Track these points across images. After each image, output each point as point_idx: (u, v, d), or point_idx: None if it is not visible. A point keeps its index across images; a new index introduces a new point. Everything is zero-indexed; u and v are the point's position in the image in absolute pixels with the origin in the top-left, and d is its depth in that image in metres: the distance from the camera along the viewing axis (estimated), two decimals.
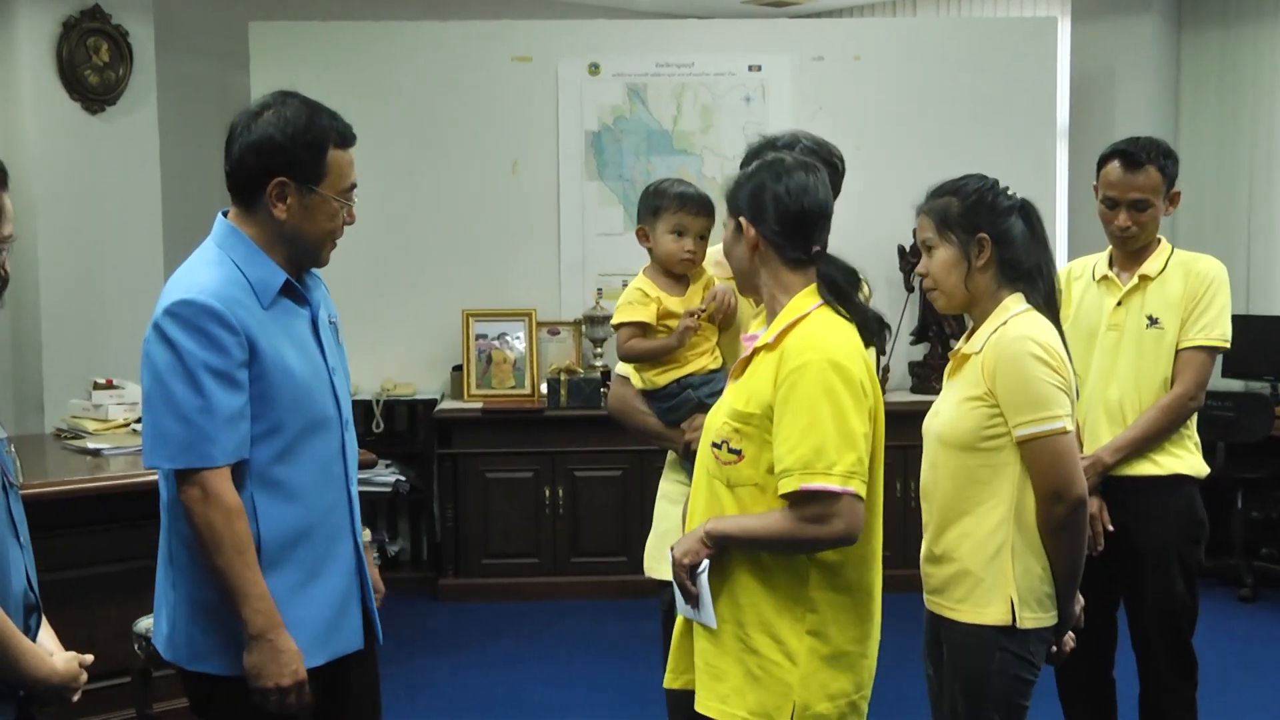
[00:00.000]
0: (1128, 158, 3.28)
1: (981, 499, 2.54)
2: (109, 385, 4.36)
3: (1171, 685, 3.34)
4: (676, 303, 3.03)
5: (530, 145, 6.15)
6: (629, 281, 3.13)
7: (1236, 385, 5.96)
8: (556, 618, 5.59)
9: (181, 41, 6.03)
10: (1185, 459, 3.31)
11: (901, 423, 4.41)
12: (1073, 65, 6.57)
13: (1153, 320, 3.30)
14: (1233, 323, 3.34)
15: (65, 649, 2.21)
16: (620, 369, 3.15)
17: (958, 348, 2.65)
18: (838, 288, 2.34)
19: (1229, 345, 3.32)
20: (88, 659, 2.21)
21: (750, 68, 6.20)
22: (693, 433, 2.88)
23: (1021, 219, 2.59)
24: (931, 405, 2.73)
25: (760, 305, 2.47)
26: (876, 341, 2.38)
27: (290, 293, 2.36)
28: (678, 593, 2.39)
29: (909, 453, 5.49)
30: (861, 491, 2.24)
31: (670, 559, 2.38)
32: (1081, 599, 2.65)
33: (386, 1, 6.66)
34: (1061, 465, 2.48)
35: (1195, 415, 3.32)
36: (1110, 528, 3.28)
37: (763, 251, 2.37)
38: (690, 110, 6.19)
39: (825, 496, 2.21)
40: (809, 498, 2.22)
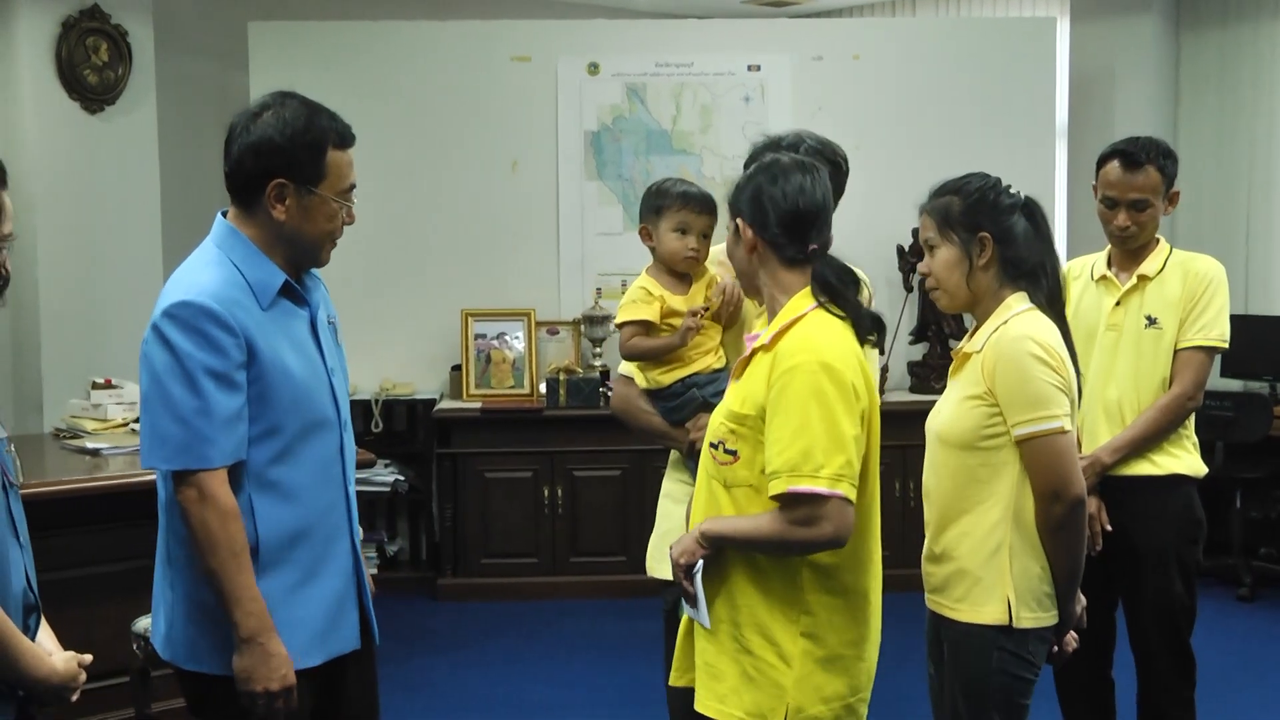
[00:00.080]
0: (1127, 157, 3.28)
1: (980, 498, 2.53)
2: (108, 385, 4.36)
3: (1170, 685, 3.34)
4: (680, 301, 3.03)
5: (529, 145, 6.15)
6: (628, 281, 3.13)
7: (1235, 385, 5.96)
8: (555, 617, 5.59)
9: (181, 41, 6.03)
10: (1183, 459, 3.31)
11: (900, 422, 4.45)
12: (1072, 65, 6.57)
13: (1151, 320, 3.30)
14: (1231, 322, 3.34)
15: (64, 649, 2.20)
16: (623, 368, 3.15)
17: (960, 346, 2.65)
18: (831, 287, 2.33)
19: (1227, 345, 3.32)
20: (87, 659, 2.20)
21: (749, 67, 6.20)
22: (697, 432, 2.87)
23: (1024, 217, 2.58)
24: (931, 405, 2.73)
25: (763, 305, 2.48)
26: (873, 341, 2.37)
27: (289, 293, 2.36)
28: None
29: (908, 452, 5.52)
30: (851, 495, 2.23)
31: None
32: (1083, 599, 2.65)
33: (386, 1, 6.66)
34: (1060, 465, 2.47)
35: (1193, 415, 3.32)
36: (1109, 527, 3.28)
37: (761, 252, 2.37)
38: (689, 110, 6.19)
39: (813, 499, 2.20)
40: (797, 500, 2.21)
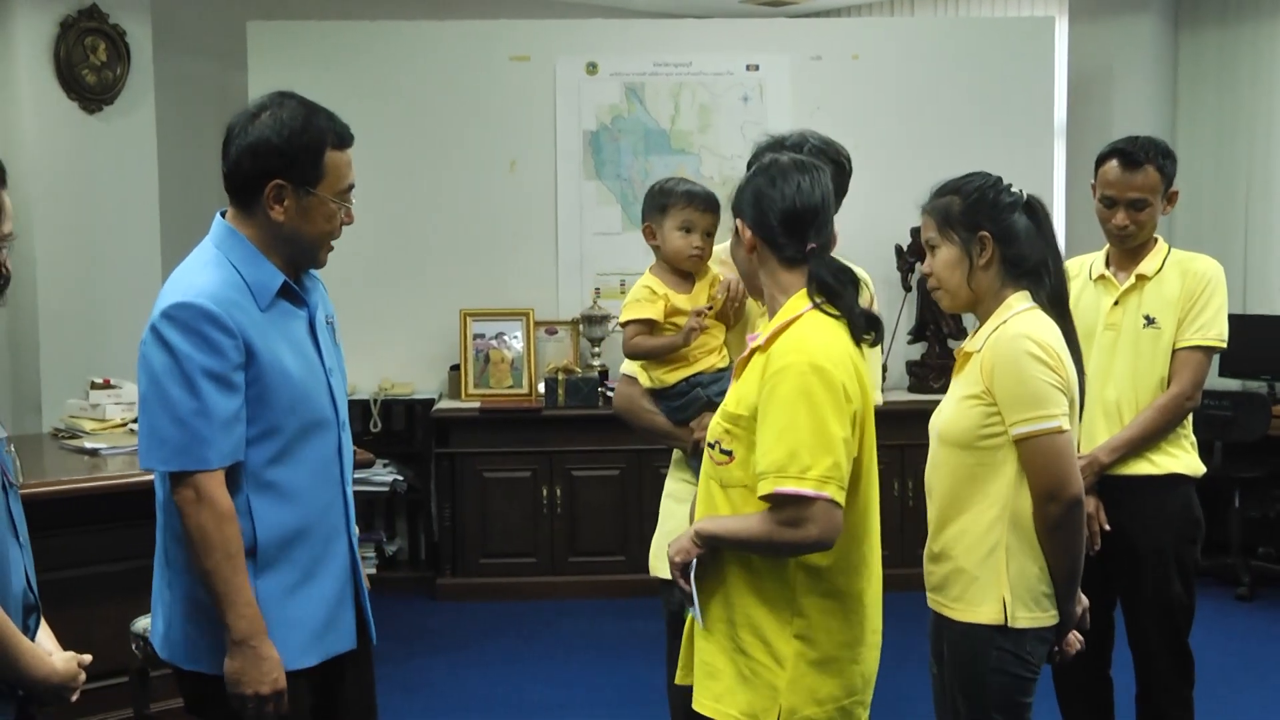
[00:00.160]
0: (1126, 157, 3.28)
1: (978, 498, 2.53)
2: (106, 385, 4.36)
3: (1169, 684, 3.34)
4: (684, 300, 3.04)
5: (528, 145, 6.15)
6: (627, 281, 3.14)
7: (1234, 385, 5.96)
8: (554, 617, 5.59)
9: (179, 41, 6.03)
10: (1182, 458, 3.31)
11: (898, 422, 4.46)
12: (1070, 65, 6.57)
13: (1149, 320, 3.30)
14: (1230, 322, 3.34)
15: (64, 648, 2.20)
16: (627, 368, 3.15)
17: (963, 346, 2.65)
18: (828, 287, 2.33)
19: (1226, 345, 3.32)
20: (86, 659, 2.21)
21: (748, 67, 6.20)
22: (701, 431, 2.87)
23: (1026, 216, 2.57)
24: (930, 404, 2.73)
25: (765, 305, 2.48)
26: (869, 341, 2.37)
27: (288, 294, 2.35)
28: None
29: (906, 452, 5.53)
30: (838, 497, 2.21)
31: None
32: (1085, 599, 2.64)
33: (385, 1, 6.66)
34: (1057, 464, 2.47)
35: (1192, 415, 3.33)
36: (1107, 527, 3.28)
37: (760, 252, 2.37)
38: (688, 110, 6.19)
39: (799, 500, 2.20)
40: (784, 501, 2.21)
